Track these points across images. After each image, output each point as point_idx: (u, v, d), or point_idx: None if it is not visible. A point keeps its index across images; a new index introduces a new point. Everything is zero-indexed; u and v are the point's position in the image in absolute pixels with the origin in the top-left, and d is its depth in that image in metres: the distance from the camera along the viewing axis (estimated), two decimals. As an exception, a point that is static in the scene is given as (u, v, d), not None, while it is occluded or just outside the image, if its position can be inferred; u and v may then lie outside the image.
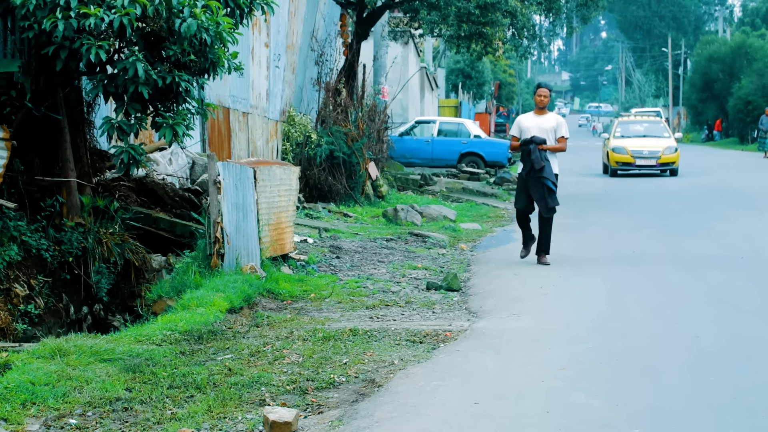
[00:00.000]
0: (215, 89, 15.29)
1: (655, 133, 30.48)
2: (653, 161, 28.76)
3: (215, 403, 6.14)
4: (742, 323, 8.32)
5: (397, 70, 32.31)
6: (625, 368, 6.81)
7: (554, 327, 8.21)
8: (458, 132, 29.91)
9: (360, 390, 6.43)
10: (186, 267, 9.72)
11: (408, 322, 8.60)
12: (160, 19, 8.77)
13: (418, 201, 20.17)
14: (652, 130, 30.76)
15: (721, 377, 6.52)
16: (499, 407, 5.88)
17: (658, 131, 30.70)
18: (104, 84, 9.05)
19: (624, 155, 28.88)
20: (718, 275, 10.86)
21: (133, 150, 9.30)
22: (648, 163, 28.79)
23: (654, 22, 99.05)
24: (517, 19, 22.12)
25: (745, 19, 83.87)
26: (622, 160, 28.95)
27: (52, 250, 9.43)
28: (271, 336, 7.98)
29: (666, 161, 28.78)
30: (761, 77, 54.77)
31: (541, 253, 11.78)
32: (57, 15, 8.34)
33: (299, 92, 22.24)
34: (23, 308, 8.91)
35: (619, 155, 28.97)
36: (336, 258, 12.24)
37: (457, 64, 57.67)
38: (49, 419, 5.84)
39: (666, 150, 28.84)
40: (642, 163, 28.77)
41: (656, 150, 28.87)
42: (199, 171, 12.71)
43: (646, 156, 28.79)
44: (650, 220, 17.12)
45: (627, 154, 28.82)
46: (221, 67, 9.50)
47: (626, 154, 28.83)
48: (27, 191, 9.56)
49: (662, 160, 28.71)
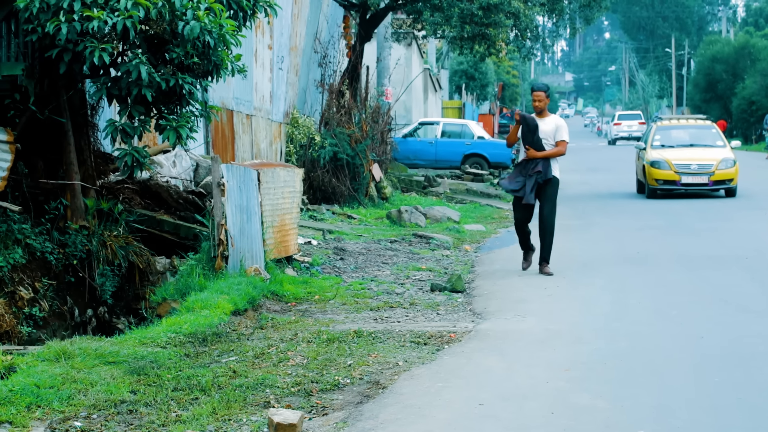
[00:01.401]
0: (219, 91, 15.30)
1: (705, 141, 23.44)
2: (704, 178, 21.89)
3: (220, 405, 6.15)
4: (746, 323, 8.31)
5: (401, 71, 32.30)
6: (630, 369, 6.80)
7: (559, 328, 8.20)
8: (462, 133, 29.90)
9: (364, 392, 6.43)
10: (190, 269, 9.72)
11: (412, 323, 8.60)
12: (163, 22, 8.78)
13: (422, 202, 20.17)
14: (700, 137, 23.62)
15: (726, 378, 6.52)
16: (504, 408, 5.88)
17: (708, 138, 23.56)
18: (108, 87, 9.06)
19: (666, 171, 21.91)
20: (722, 276, 10.84)
21: (136, 152, 9.31)
22: (697, 180, 21.94)
23: (657, 23, 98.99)
24: (520, 20, 22.13)
25: (749, 19, 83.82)
26: (663, 177, 21.97)
27: (56, 252, 9.44)
28: (276, 338, 7.98)
29: (721, 178, 21.85)
30: (765, 77, 54.72)
31: (543, 262, 11.15)
32: (60, 18, 8.35)
33: (302, 94, 22.25)
34: (28, 311, 8.92)
35: (660, 171, 21.97)
36: (340, 260, 12.24)
37: (461, 65, 57.65)
38: (54, 422, 5.85)
39: (721, 163, 21.85)
40: (690, 180, 21.92)
41: (708, 163, 21.93)
42: (202, 173, 12.71)
43: (694, 171, 21.85)
44: (654, 220, 17.10)
45: (670, 170, 21.85)
46: (224, 69, 9.52)
47: (669, 169, 21.85)
48: (31, 194, 9.58)
49: (717, 176, 21.81)
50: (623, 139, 60.62)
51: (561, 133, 11.14)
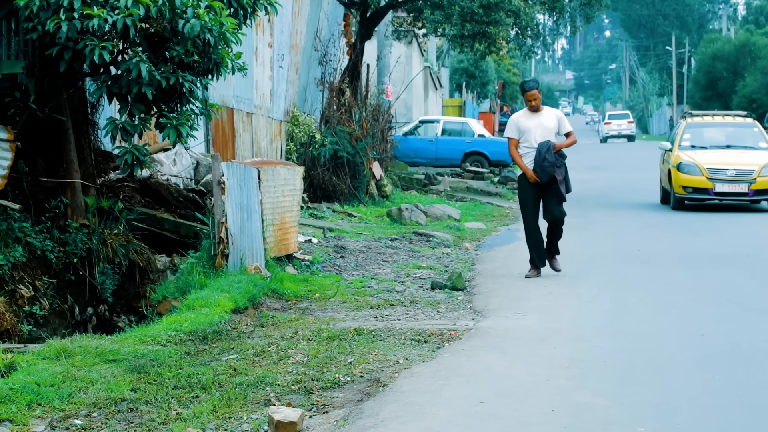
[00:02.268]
0: (219, 90, 15.29)
1: (745, 141, 19.65)
2: (743, 187, 18.08)
3: (220, 404, 6.15)
4: (747, 321, 8.31)
5: (401, 69, 32.29)
6: (630, 367, 6.80)
7: (559, 326, 8.20)
8: (462, 131, 29.88)
9: (365, 390, 6.43)
10: (190, 267, 9.72)
11: (413, 321, 8.60)
12: (163, 20, 8.78)
13: (423, 200, 20.16)
14: (739, 138, 19.86)
15: (727, 375, 6.51)
16: (505, 406, 5.88)
17: (748, 139, 19.74)
18: (108, 85, 9.06)
19: (697, 177, 18.19)
20: (723, 273, 10.84)
21: (137, 151, 9.30)
22: (735, 189, 18.14)
23: (658, 21, 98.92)
24: (520, 18, 22.14)
25: (749, 17, 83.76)
26: (693, 185, 18.22)
27: (56, 251, 9.44)
28: (276, 336, 7.98)
29: (765, 187, 18.17)
30: (765, 75, 54.66)
31: (554, 257, 10.82)
32: (60, 16, 8.35)
33: (303, 92, 22.24)
34: (28, 309, 8.92)
35: (689, 176, 18.25)
36: (340, 258, 12.24)
37: (461, 63, 57.65)
38: (54, 420, 5.85)
39: (764, 169, 18.17)
40: (725, 189, 18.16)
41: (748, 169, 18.21)
42: (203, 171, 12.71)
43: (731, 178, 18.14)
44: (655, 218, 17.09)
45: (701, 176, 18.13)
46: (225, 67, 9.51)
47: (700, 174, 18.15)
48: (31, 192, 9.58)
49: (759, 185, 18.08)
50: (613, 137, 66.67)
51: (565, 125, 10.73)
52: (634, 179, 27.04)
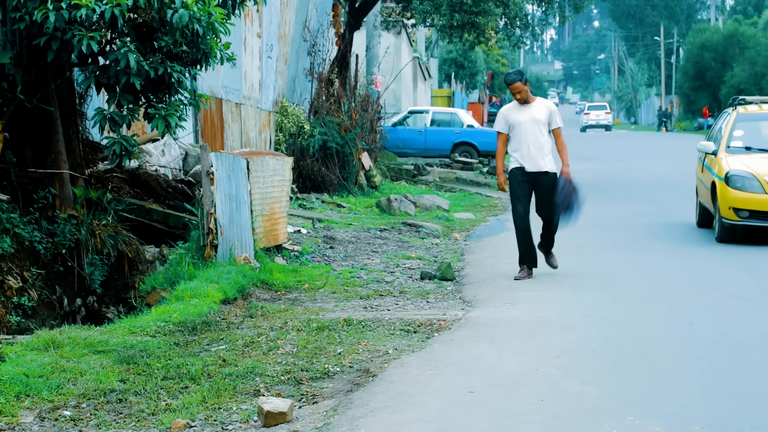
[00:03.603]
0: (208, 80, 15.25)
1: None
2: None
3: (210, 394, 6.14)
4: (735, 311, 8.33)
5: (390, 60, 32.24)
6: (619, 356, 6.82)
7: (548, 316, 8.21)
8: (451, 122, 29.86)
9: (354, 380, 6.44)
10: (179, 258, 9.71)
11: (402, 311, 8.60)
12: (151, 10, 8.75)
13: (412, 191, 20.17)
14: None
15: (715, 364, 6.54)
16: (494, 396, 5.89)
17: None
18: (96, 75, 9.02)
19: (756, 194, 12.19)
20: (712, 263, 10.87)
21: (125, 141, 9.28)
22: None
23: (646, 11, 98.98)
24: (509, 8, 22.16)
25: (737, 8, 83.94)
26: (750, 206, 12.18)
27: (45, 242, 9.40)
28: (266, 326, 7.98)
29: None
30: (753, 65, 54.79)
31: (550, 253, 10.28)
32: (48, 6, 8.31)
33: (292, 83, 22.19)
34: (17, 300, 8.89)
35: (743, 193, 12.22)
36: (330, 248, 12.24)
37: (450, 53, 57.63)
38: (43, 411, 5.84)
39: None
40: None
41: None
42: (192, 162, 12.67)
43: None
44: (643, 208, 17.13)
45: (763, 192, 12.16)
46: (213, 57, 9.49)
47: (761, 191, 12.17)
48: (19, 183, 9.54)
49: None
50: (592, 126, 69.70)
51: (556, 120, 9.99)
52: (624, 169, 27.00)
